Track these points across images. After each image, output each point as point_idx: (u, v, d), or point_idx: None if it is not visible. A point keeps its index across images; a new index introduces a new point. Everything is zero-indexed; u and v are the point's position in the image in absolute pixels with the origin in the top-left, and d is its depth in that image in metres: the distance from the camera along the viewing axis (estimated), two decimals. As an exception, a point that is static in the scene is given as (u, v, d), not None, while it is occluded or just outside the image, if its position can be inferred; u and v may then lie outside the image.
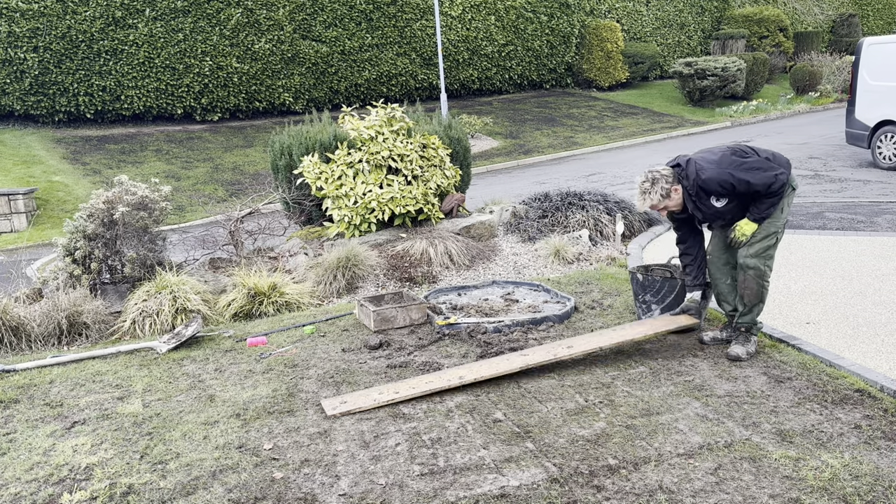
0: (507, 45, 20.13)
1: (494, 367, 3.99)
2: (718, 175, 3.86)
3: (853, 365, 3.84)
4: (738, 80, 19.61)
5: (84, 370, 4.57)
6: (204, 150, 14.80)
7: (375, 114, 7.29)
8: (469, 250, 6.79)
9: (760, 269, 3.99)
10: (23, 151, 13.52)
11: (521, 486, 2.87)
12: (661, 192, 3.98)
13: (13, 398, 4.14)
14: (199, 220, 11.11)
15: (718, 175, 3.86)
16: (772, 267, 4.06)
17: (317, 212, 7.46)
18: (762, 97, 20.35)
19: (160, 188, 6.30)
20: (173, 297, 5.46)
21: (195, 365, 4.56)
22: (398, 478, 3.00)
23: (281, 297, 5.76)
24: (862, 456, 2.96)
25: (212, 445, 3.39)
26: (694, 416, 3.38)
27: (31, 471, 3.25)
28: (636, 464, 2.99)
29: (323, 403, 3.77)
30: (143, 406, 3.93)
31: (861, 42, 11.02)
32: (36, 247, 9.92)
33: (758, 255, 4.00)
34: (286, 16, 16.53)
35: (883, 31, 28.92)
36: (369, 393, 3.84)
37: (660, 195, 3.99)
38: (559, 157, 15.52)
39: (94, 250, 5.86)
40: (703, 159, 3.96)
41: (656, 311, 4.55)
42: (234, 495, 2.94)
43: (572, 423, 3.38)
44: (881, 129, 10.64)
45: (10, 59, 13.88)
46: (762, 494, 2.73)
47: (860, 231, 7.00)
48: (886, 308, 4.75)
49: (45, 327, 5.29)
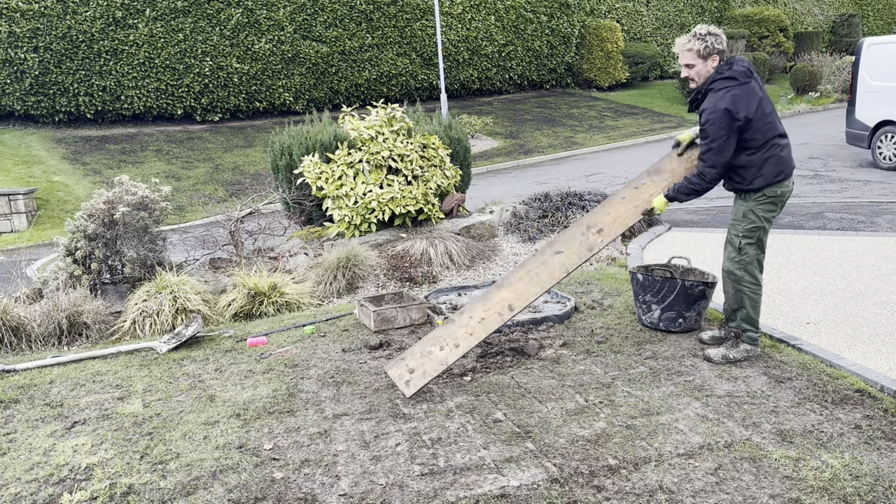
0: (507, 46, 20.13)
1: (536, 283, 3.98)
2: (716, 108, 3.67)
3: (853, 365, 3.83)
4: (738, 81, 19.58)
5: (84, 370, 4.57)
6: (204, 151, 14.80)
7: (376, 114, 7.29)
8: (469, 250, 6.79)
9: (735, 273, 3.94)
10: (23, 151, 13.52)
11: (521, 487, 2.86)
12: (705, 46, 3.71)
13: (13, 398, 4.14)
14: (199, 220, 11.12)
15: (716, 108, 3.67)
16: (752, 273, 3.92)
17: (317, 212, 7.46)
18: (762, 97, 20.34)
19: (160, 188, 6.30)
20: (173, 297, 5.46)
21: (195, 365, 4.56)
22: (398, 478, 3.00)
23: (281, 298, 5.76)
24: (862, 456, 2.96)
25: (212, 445, 3.38)
26: (694, 417, 3.38)
27: (31, 471, 3.25)
28: (636, 464, 2.99)
29: (390, 373, 3.82)
30: (143, 406, 3.93)
31: (861, 42, 11.01)
32: (36, 247, 9.92)
33: (729, 259, 3.97)
34: (286, 16, 16.53)
35: (883, 32, 28.91)
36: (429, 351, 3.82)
37: (701, 47, 3.72)
38: (559, 157, 15.52)
39: (95, 250, 5.86)
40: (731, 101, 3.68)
41: (656, 311, 4.55)
42: (234, 495, 2.94)
43: (572, 424, 3.38)
44: (881, 130, 10.63)
45: (10, 60, 13.89)
46: (762, 494, 2.73)
47: (860, 231, 7.00)
48: (887, 308, 4.75)
49: (46, 327, 5.29)
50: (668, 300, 4.49)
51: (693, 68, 3.83)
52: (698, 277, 4.72)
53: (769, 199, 3.85)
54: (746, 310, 3.98)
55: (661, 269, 4.78)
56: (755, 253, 3.93)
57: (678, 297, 4.46)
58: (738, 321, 4.01)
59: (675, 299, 4.47)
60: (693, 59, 3.80)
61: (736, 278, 3.95)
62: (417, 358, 3.82)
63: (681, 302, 4.46)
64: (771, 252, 6.34)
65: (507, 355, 4.33)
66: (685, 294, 4.44)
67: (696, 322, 4.55)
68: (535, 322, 4.87)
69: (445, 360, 3.77)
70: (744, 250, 3.91)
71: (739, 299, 3.98)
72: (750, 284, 3.94)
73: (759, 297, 3.98)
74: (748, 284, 3.94)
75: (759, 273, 3.96)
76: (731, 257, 3.97)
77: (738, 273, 3.93)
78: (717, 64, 3.80)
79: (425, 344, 3.88)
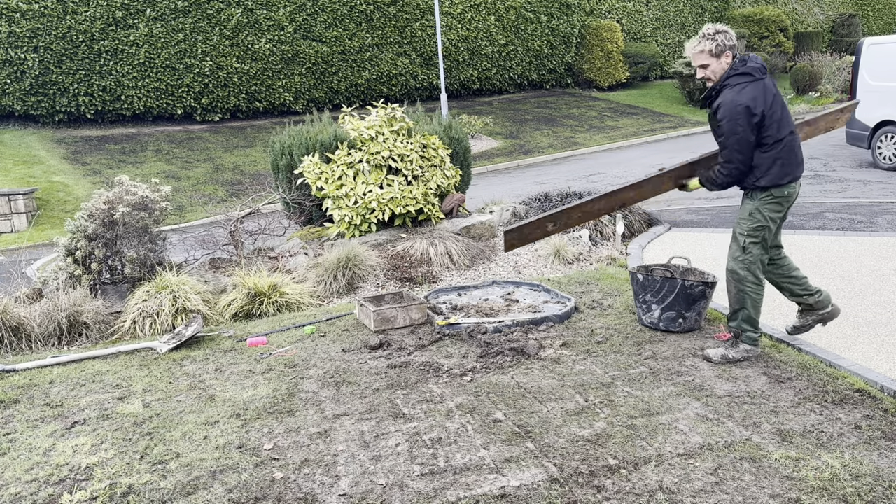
0: (507, 45, 20.13)
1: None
2: (734, 103, 3.69)
3: (853, 365, 3.83)
4: (738, 81, 19.60)
5: (84, 370, 4.57)
6: (204, 151, 14.80)
7: (376, 114, 7.29)
8: (469, 250, 6.79)
9: (738, 273, 3.95)
10: (23, 151, 13.52)
11: (521, 487, 2.86)
12: (716, 45, 3.76)
13: (13, 398, 4.14)
14: (199, 220, 11.12)
15: (734, 103, 3.69)
16: (755, 273, 3.93)
17: (317, 212, 7.46)
18: (762, 97, 20.35)
19: (160, 188, 6.30)
20: (173, 297, 5.46)
21: (195, 365, 4.56)
22: (398, 478, 3.00)
23: (281, 298, 5.76)
24: (862, 456, 2.96)
25: (212, 445, 3.38)
26: (694, 417, 3.38)
27: (31, 471, 3.25)
28: (636, 464, 2.99)
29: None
30: (143, 406, 3.93)
31: (861, 42, 11.00)
32: (36, 247, 9.92)
33: (733, 258, 3.99)
34: (286, 16, 16.54)
35: (883, 32, 28.90)
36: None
37: (712, 46, 3.77)
38: (559, 157, 15.51)
39: (95, 250, 5.86)
40: (750, 97, 3.71)
41: (656, 311, 4.55)
42: (234, 495, 2.94)
43: (572, 424, 3.38)
44: (881, 130, 10.63)
45: (10, 60, 13.89)
46: (762, 494, 2.73)
47: (860, 231, 7.00)
48: (886, 308, 4.74)
49: (46, 327, 5.29)
50: (669, 300, 4.49)
51: (708, 68, 3.87)
52: (698, 277, 4.73)
53: (775, 199, 3.86)
54: (747, 310, 3.98)
55: (662, 269, 4.78)
56: (759, 253, 3.93)
57: (678, 297, 4.46)
58: (738, 321, 4.01)
59: (675, 299, 4.47)
60: (706, 59, 3.84)
61: (739, 278, 3.95)
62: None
63: (681, 302, 4.46)
64: (771, 252, 6.35)
65: (507, 355, 4.32)
66: (685, 294, 4.44)
67: (697, 322, 4.55)
68: (535, 322, 4.86)
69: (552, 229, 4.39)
70: (748, 249, 3.92)
71: (741, 299, 3.97)
72: (752, 285, 3.94)
73: (760, 298, 3.98)
74: (750, 284, 3.94)
75: (761, 274, 3.97)
76: (735, 256, 3.97)
77: (741, 273, 3.94)
78: (730, 60, 3.82)
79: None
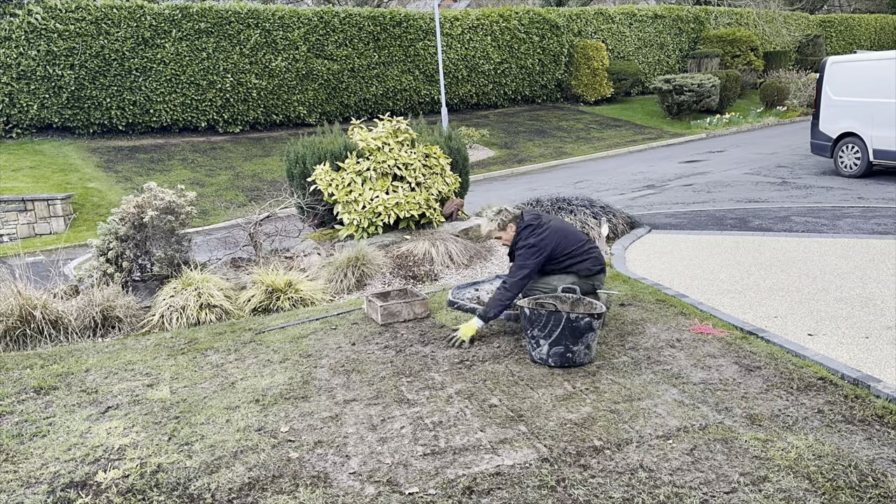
0: (502, 63, 20.12)
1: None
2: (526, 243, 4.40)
3: (816, 355, 3.85)
4: (712, 96, 19.60)
5: (117, 360, 4.58)
6: (226, 160, 14.80)
7: (382, 126, 7.30)
8: (468, 250, 6.80)
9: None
10: (60, 160, 13.52)
11: (514, 466, 2.88)
12: (499, 222, 4.51)
13: (52, 385, 4.16)
14: (221, 223, 11.11)
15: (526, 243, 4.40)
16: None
17: (328, 215, 7.46)
18: (734, 111, 20.33)
19: (186, 194, 6.31)
20: (198, 293, 5.47)
21: (218, 355, 4.57)
22: (403, 457, 3.01)
23: (296, 294, 5.77)
24: (824, 438, 2.97)
25: (233, 428, 3.40)
26: (671, 402, 3.39)
27: (68, 451, 3.26)
28: (619, 445, 3.00)
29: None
30: (170, 392, 3.94)
31: (825, 61, 11.00)
32: (73, 247, 9.92)
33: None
34: (301, 36, 16.54)
35: (845, 51, 28.89)
36: None
37: (496, 225, 4.52)
38: (550, 165, 15.51)
39: (126, 250, 5.87)
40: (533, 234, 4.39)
41: (545, 347, 3.94)
42: (253, 473, 2.95)
43: (561, 408, 3.39)
44: (842, 141, 10.64)
45: (48, 76, 13.89)
46: (733, 473, 2.74)
47: (823, 233, 7.01)
48: (847, 304, 4.76)
49: (82, 321, 5.30)
50: (555, 334, 3.90)
51: (501, 239, 4.62)
52: (587, 308, 4.16)
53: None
54: None
55: (551, 300, 4.23)
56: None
57: (564, 332, 3.87)
58: None
59: (561, 333, 3.88)
60: (499, 233, 4.59)
61: None
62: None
63: (567, 336, 3.87)
64: (742, 252, 6.36)
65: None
66: (570, 327, 3.86)
67: (586, 356, 3.95)
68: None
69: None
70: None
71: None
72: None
73: None
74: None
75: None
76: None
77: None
78: (514, 227, 4.54)
79: None
